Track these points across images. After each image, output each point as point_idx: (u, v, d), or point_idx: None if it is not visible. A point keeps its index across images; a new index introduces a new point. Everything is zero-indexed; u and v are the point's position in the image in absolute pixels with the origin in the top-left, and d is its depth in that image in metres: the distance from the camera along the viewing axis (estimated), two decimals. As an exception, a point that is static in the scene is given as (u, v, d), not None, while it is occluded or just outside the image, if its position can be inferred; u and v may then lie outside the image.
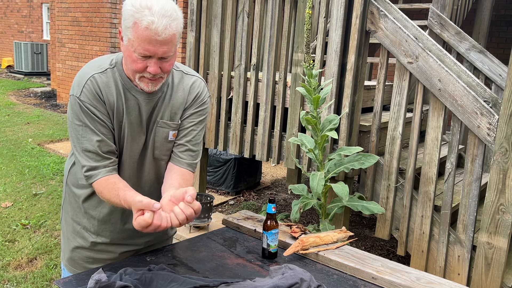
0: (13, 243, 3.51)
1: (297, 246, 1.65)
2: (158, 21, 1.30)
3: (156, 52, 1.34)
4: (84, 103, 1.42)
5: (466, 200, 2.53)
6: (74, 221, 1.65)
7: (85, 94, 1.43)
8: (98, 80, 1.44)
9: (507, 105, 2.28)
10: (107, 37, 8.60)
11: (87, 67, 1.48)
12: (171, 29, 1.33)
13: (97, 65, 1.48)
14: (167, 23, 1.31)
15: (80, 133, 1.44)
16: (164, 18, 1.31)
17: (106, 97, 1.45)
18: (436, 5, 3.82)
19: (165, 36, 1.32)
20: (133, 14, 1.31)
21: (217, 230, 1.88)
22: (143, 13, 1.30)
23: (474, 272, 2.47)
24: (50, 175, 5.11)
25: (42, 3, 14.07)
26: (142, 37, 1.31)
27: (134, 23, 1.31)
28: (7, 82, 12.29)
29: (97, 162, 1.44)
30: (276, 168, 6.22)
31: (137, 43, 1.33)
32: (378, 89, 2.86)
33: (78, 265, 1.66)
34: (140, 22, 1.30)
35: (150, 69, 1.37)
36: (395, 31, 2.71)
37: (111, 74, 1.47)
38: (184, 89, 1.56)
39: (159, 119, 1.53)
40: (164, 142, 1.56)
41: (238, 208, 4.63)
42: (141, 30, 1.31)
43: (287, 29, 3.13)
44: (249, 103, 3.38)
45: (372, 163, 2.55)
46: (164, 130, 1.54)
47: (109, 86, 1.46)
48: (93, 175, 1.44)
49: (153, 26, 1.30)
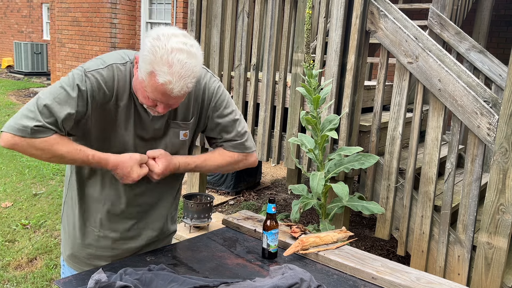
0: (13, 243, 3.51)
1: (297, 246, 1.65)
2: (175, 82, 1.28)
3: (167, 102, 1.35)
4: (88, 81, 1.37)
5: (466, 200, 2.53)
6: (75, 216, 1.64)
7: (94, 76, 1.38)
8: (115, 70, 1.41)
9: (507, 105, 2.28)
10: (107, 37, 8.60)
11: (110, 55, 1.45)
12: (186, 88, 1.32)
13: (120, 55, 1.46)
14: (184, 84, 1.30)
15: (58, 96, 1.35)
16: (182, 79, 1.29)
17: (116, 87, 1.42)
18: (436, 5, 3.82)
19: (180, 95, 1.32)
20: (151, 62, 1.28)
21: (217, 230, 1.88)
22: (162, 69, 1.27)
23: (474, 272, 2.47)
24: (50, 175, 5.11)
25: (42, 3, 14.07)
26: (157, 89, 1.30)
27: (151, 72, 1.29)
28: (7, 82, 12.29)
29: (52, 126, 1.34)
30: (276, 168, 6.22)
31: (150, 90, 1.32)
32: (378, 89, 2.86)
33: (79, 261, 1.65)
34: (157, 76, 1.28)
35: (159, 109, 1.38)
36: (395, 31, 2.71)
37: (129, 69, 1.44)
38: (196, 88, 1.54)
39: (170, 120, 1.54)
40: (176, 142, 1.58)
41: (238, 208, 4.63)
42: (156, 83, 1.29)
43: (287, 29, 3.13)
44: (249, 103, 3.38)
45: (372, 163, 2.55)
46: (175, 130, 1.56)
47: (125, 80, 1.43)
48: (44, 131, 1.33)
49: (170, 86, 1.29)
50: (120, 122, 1.48)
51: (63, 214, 1.72)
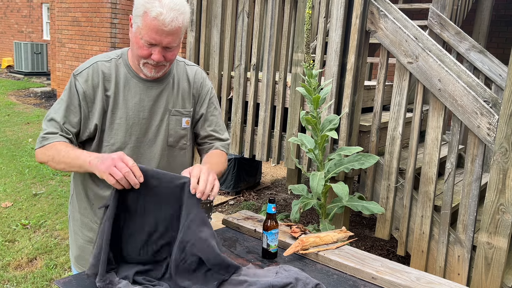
0: (13, 243, 3.51)
1: (297, 246, 1.65)
2: (166, 13, 1.41)
3: (161, 41, 1.45)
4: (77, 82, 1.54)
5: (466, 200, 2.53)
6: (82, 214, 1.67)
7: (84, 75, 1.55)
8: (100, 66, 1.57)
9: (507, 105, 2.28)
10: (107, 37, 8.60)
11: (96, 56, 1.63)
12: (177, 21, 1.44)
13: (104, 55, 1.62)
14: (174, 15, 1.42)
15: (59, 106, 1.55)
16: (172, 11, 1.42)
17: (102, 82, 1.55)
18: (436, 5, 3.82)
19: (171, 27, 1.43)
20: (144, 4, 1.43)
21: (217, 230, 1.88)
22: (153, 4, 1.41)
23: (474, 272, 2.48)
24: (50, 175, 5.11)
25: (42, 3, 14.07)
26: (150, 26, 1.42)
27: (144, 12, 1.42)
28: (7, 82, 12.29)
29: (57, 130, 1.53)
30: (276, 168, 6.22)
31: (144, 31, 1.44)
32: (378, 89, 2.86)
33: (86, 262, 1.66)
34: (149, 12, 1.41)
35: (154, 57, 1.48)
36: (395, 31, 2.71)
37: (115, 63, 1.59)
38: (189, 78, 1.68)
39: (171, 107, 1.63)
40: (178, 129, 1.65)
41: (238, 208, 4.63)
42: (149, 20, 1.42)
43: (287, 29, 3.13)
44: (249, 103, 3.38)
45: (372, 163, 2.55)
46: (177, 118, 1.64)
47: (110, 73, 1.57)
48: (50, 137, 1.52)
49: (161, 17, 1.41)
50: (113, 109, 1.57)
51: (69, 215, 1.76)
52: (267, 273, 1.42)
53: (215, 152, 1.71)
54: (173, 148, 1.66)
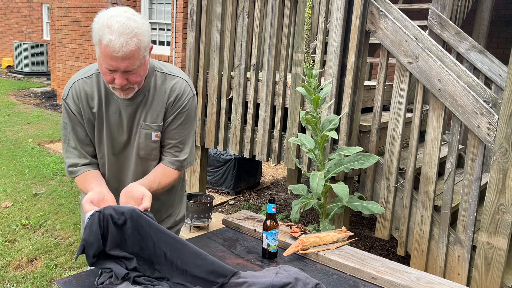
0: (13, 243, 3.51)
1: (297, 246, 1.65)
2: (115, 39, 1.39)
3: (118, 66, 1.44)
4: (69, 105, 1.61)
5: (466, 200, 2.53)
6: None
7: (70, 97, 1.61)
8: (81, 84, 1.61)
9: (507, 105, 2.29)
10: (107, 37, 8.59)
11: (77, 73, 1.66)
12: (128, 46, 1.41)
13: (85, 71, 1.64)
14: (124, 40, 1.40)
15: (66, 132, 1.65)
16: (121, 36, 1.39)
17: (86, 101, 1.61)
18: (436, 5, 3.82)
19: (123, 53, 1.41)
20: (97, 31, 1.43)
21: (217, 230, 1.88)
22: (104, 31, 1.41)
23: (474, 272, 2.48)
24: (50, 175, 5.11)
25: (42, 3, 14.07)
26: (104, 54, 1.43)
27: (98, 40, 1.43)
28: (7, 82, 12.29)
29: (78, 159, 1.65)
30: (276, 168, 6.22)
31: (101, 59, 1.45)
32: (378, 89, 2.86)
33: None
34: (102, 40, 1.41)
35: (117, 81, 1.48)
36: (395, 31, 2.72)
37: (96, 79, 1.61)
38: (165, 91, 1.64)
39: (142, 121, 1.64)
40: (148, 142, 1.66)
41: (238, 208, 4.63)
42: (103, 47, 1.42)
43: (287, 29, 3.13)
44: (249, 103, 3.38)
45: (372, 163, 2.55)
46: (147, 132, 1.64)
47: (92, 90, 1.61)
48: (74, 171, 1.65)
49: (111, 44, 1.40)
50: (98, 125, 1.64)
51: (81, 211, 1.84)
52: (267, 273, 1.42)
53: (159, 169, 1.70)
54: (146, 160, 1.70)
